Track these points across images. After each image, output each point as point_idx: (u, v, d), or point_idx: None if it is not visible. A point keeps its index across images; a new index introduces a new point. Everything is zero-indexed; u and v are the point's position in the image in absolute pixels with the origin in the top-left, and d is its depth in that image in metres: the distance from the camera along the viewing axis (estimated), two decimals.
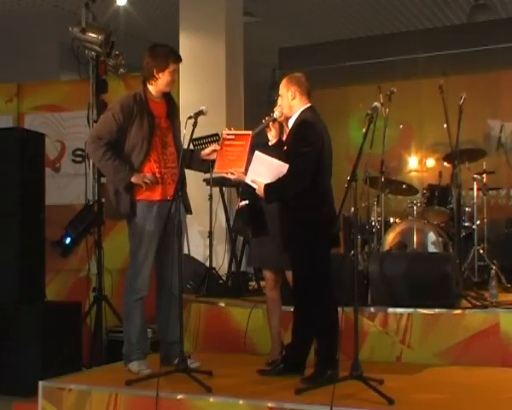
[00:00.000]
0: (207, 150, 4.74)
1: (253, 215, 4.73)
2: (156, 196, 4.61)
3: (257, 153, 4.33)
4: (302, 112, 4.41)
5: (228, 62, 8.15)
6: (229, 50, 8.17)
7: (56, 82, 8.82)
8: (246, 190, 4.73)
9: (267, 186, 4.26)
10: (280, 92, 4.50)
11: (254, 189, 4.34)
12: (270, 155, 4.41)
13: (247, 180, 4.35)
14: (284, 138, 4.53)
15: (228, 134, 4.63)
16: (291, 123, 4.46)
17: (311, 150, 4.26)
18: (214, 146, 4.75)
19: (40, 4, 10.02)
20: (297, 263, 4.39)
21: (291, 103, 4.44)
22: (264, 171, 4.28)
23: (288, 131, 4.51)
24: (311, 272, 4.28)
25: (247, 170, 4.38)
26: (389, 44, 10.21)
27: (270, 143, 4.57)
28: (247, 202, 4.72)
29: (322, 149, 4.32)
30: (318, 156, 4.29)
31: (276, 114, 4.49)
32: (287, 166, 4.24)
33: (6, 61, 10.17)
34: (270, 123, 4.50)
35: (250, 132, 4.57)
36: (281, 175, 4.24)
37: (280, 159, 4.31)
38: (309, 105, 4.45)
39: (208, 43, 8.18)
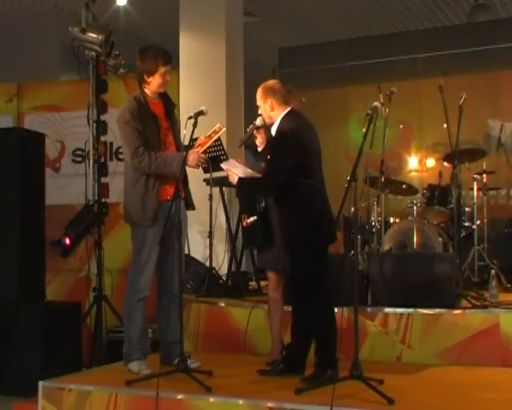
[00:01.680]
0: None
1: (265, 228, 4.77)
2: (160, 196, 4.61)
3: (232, 161, 4.55)
4: (282, 119, 4.44)
5: (228, 62, 8.14)
6: (229, 50, 8.17)
7: (56, 82, 8.82)
8: (246, 206, 4.82)
9: (241, 179, 4.39)
10: (258, 103, 4.55)
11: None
12: (260, 161, 4.60)
13: (223, 166, 4.57)
14: None
15: (220, 128, 4.67)
16: (273, 130, 4.51)
17: (283, 161, 4.29)
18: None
19: (40, 4, 10.03)
20: (294, 263, 4.39)
21: (270, 114, 4.49)
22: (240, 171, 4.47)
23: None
24: (308, 272, 4.28)
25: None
26: (389, 44, 10.21)
27: (259, 149, 4.68)
28: (255, 217, 4.76)
29: (304, 152, 4.33)
30: (299, 159, 4.29)
31: (259, 122, 4.57)
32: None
33: (6, 61, 10.17)
34: (255, 131, 4.61)
35: (224, 129, 4.68)
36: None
37: None
38: (288, 110, 4.47)
39: (208, 43, 8.17)
